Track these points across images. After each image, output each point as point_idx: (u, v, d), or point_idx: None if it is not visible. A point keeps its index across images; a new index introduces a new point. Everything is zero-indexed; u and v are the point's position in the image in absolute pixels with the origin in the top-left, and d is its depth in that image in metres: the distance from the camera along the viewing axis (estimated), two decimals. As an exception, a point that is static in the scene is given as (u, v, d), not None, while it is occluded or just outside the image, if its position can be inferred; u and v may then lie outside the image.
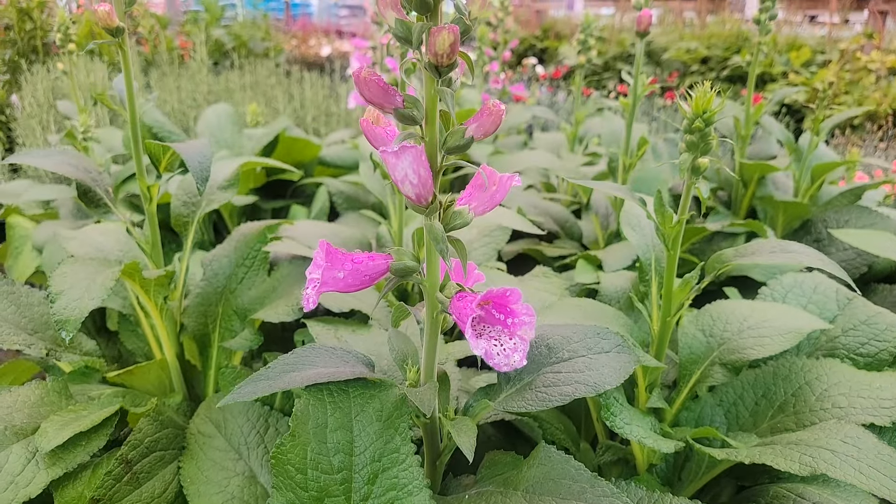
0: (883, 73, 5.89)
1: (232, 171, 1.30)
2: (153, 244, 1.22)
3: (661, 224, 1.09)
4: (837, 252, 1.78)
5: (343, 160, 2.16)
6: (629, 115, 1.69)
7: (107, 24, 1.05)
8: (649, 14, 1.56)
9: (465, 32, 0.71)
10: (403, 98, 0.72)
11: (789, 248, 1.07)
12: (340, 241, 1.46)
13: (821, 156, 1.98)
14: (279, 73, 4.06)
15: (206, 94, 3.19)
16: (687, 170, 1.05)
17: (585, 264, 1.48)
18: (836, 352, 1.26)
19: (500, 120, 0.74)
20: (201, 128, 2.28)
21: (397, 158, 0.69)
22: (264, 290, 1.25)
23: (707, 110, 1.03)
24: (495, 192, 0.80)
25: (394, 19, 0.71)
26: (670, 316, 1.13)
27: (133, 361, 1.39)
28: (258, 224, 1.34)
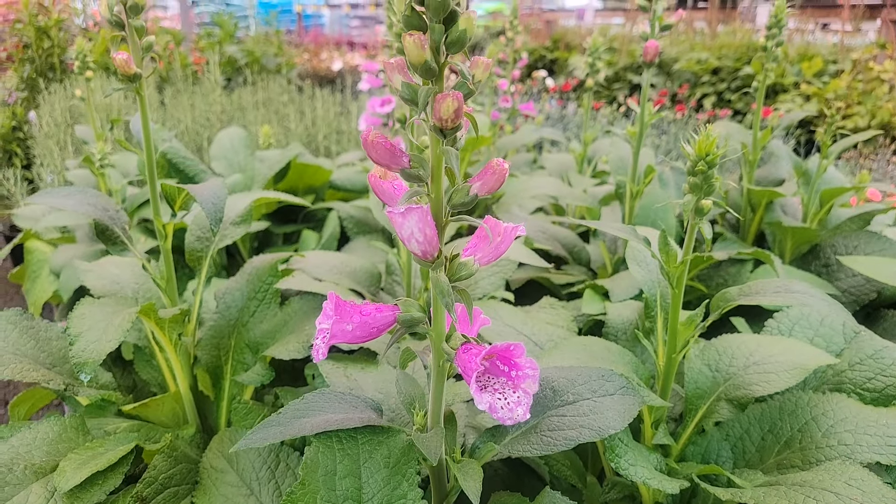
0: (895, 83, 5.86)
1: (245, 207, 1.32)
2: (168, 279, 1.24)
3: (666, 263, 1.11)
4: (846, 278, 1.78)
5: (353, 184, 2.19)
6: (636, 143, 1.70)
7: (125, 72, 1.09)
8: (656, 45, 1.58)
9: (469, 96, 0.73)
10: (409, 158, 0.75)
11: (793, 288, 1.08)
12: (350, 271, 1.48)
13: (830, 179, 1.98)
14: (291, 90, 4.10)
15: (220, 113, 3.24)
16: (691, 211, 1.06)
17: (592, 294, 1.49)
18: (842, 386, 1.26)
19: (503, 178, 0.76)
20: (215, 151, 2.32)
21: (403, 218, 0.72)
22: (276, 324, 1.27)
23: (710, 153, 1.04)
24: (500, 242, 0.82)
25: (400, 82, 0.73)
26: (676, 353, 1.14)
27: (148, 391, 1.42)
28: (270, 257, 1.36)
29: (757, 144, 1.89)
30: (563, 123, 4.60)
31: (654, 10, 1.60)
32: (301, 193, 2.18)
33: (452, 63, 0.72)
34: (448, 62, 0.72)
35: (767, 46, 1.82)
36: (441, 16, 0.69)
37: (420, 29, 0.71)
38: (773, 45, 1.82)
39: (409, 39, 0.68)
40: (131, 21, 1.10)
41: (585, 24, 9.00)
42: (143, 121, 1.14)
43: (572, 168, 2.41)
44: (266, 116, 3.60)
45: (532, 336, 1.24)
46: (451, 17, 0.70)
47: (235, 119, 3.33)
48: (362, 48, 9.68)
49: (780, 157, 2.03)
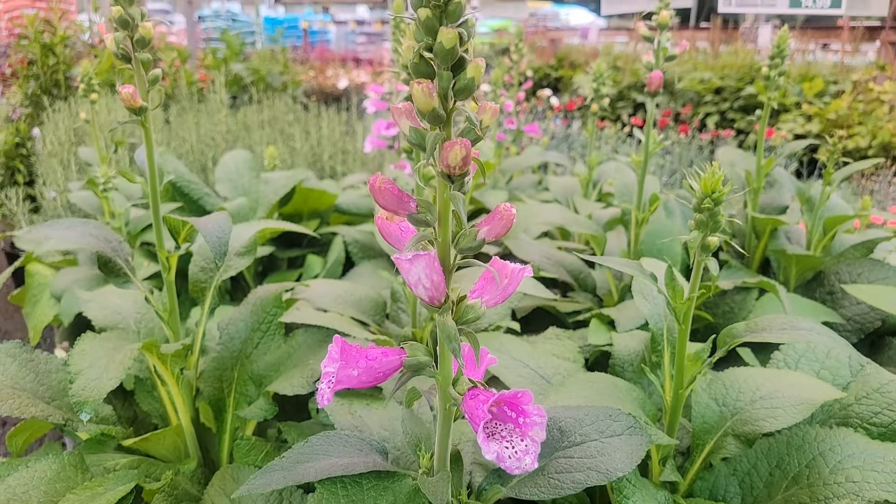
0: (896, 104, 5.87)
1: (249, 238, 1.32)
2: (171, 311, 1.24)
3: (673, 298, 1.10)
4: (851, 305, 1.77)
5: (359, 208, 2.19)
6: (641, 172, 1.70)
7: (130, 105, 1.09)
8: (660, 76, 1.58)
9: (476, 142, 0.73)
10: (417, 203, 0.74)
11: (799, 325, 1.07)
12: (355, 300, 1.48)
13: (833, 206, 1.98)
14: (296, 108, 4.11)
15: (225, 133, 3.25)
16: (697, 247, 1.06)
17: (598, 324, 1.48)
18: (849, 420, 1.25)
19: (511, 223, 0.75)
20: (219, 174, 2.32)
21: (410, 264, 0.71)
22: (280, 357, 1.27)
23: (716, 190, 1.04)
24: (507, 284, 0.82)
25: (408, 127, 0.73)
26: (682, 388, 1.13)
27: (149, 422, 1.41)
28: (274, 288, 1.36)
29: (761, 172, 1.89)
30: (567, 143, 4.61)
31: (658, 40, 1.60)
32: (306, 217, 2.18)
33: (460, 109, 0.71)
34: (456, 108, 0.72)
35: (770, 75, 1.83)
36: (449, 63, 0.70)
37: (428, 76, 0.71)
38: (776, 73, 1.82)
39: (418, 87, 0.68)
40: (137, 54, 1.10)
41: (589, 42, 9.04)
42: (149, 153, 1.14)
43: (577, 192, 2.41)
44: (271, 136, 3.61)
45: (539, 370, 1.23)
46: (460, 64, 0.70)
47: (241, 139, 3.34)
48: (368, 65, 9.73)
49: (783, 184, 2.03)
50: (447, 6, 0.69)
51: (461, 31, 0.69)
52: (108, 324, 1.34)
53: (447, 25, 0.69)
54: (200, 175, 3.14)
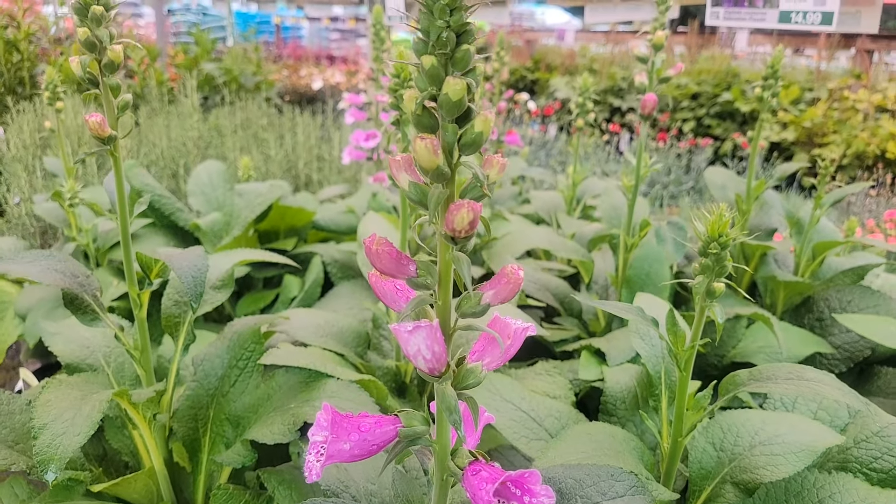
0: (870, 113, 5.95)
1: (226, 270, 1.25)
2: (143, 349, 1.16)
3: (674, 345, 1.06)
4: (840, 333, 1.75)
5: (338, 225, 2.12)
6: (632, 196, 1.66)
7: (98, 135, 1.01)
8: (654, 99, 1.54)
9: (481, 199, 0.67)
10: (416, 266, 0.68)
11: (805, 375, 1.03)
12: (336, 331, 1.41)
13: (822, 230, 1.96)
14: (271, 112, 4.01)
15: (197, 139, 3.14)
16: (701, 294, 1.02)
17: (588, 357, 1.44)
18: (848, 465, 1.22)
19: (518, 288, 0.69)
20: (192, 186, 2.23)
21: (410, 335, 0.65)
22: (258, 398, 1.20)
23: (723, 234, 0.99)
24: (510, 346, 0.76)
25: (407, 182, 0.67)
26: (682, 437, 1.09)
27: (119, 460, 1.33)
28: (251, 321, 1.29)
29: (751, 195, 1.86)
30: (545, 150, 4.57)
31: (652, 61, 1.56)
32: (283, 233, 2.11)
33: (465, 163, 0.65)
34: (461, 163, 0.66)
35: (763, 97, 1.80)
36: (455, 115, 0.64)
37: (431, 128, 0.65)
38: (770, 94, 1.79)
39: (421, 144, 0.62)
40: (106, 79, 1.02)
41: (566, 44, 9.03)
42: (118, 184, 1.07)
43: (561, 207, 2.36)
44: (245, 141, 3.51)
45: (531, 412, 1.18)
46: (466, 115, 0.65)
47: (213, 145, 3.24)
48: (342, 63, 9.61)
49: (772, 205, 2.01)
50: (454, 54, 0.63)
51: (469, 80, 0.63)
52: (75, 359, 1.25)
53: (454, 74, 0.63)
54: (171, 182, 3.04)
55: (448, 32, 0.61)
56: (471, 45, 0.63)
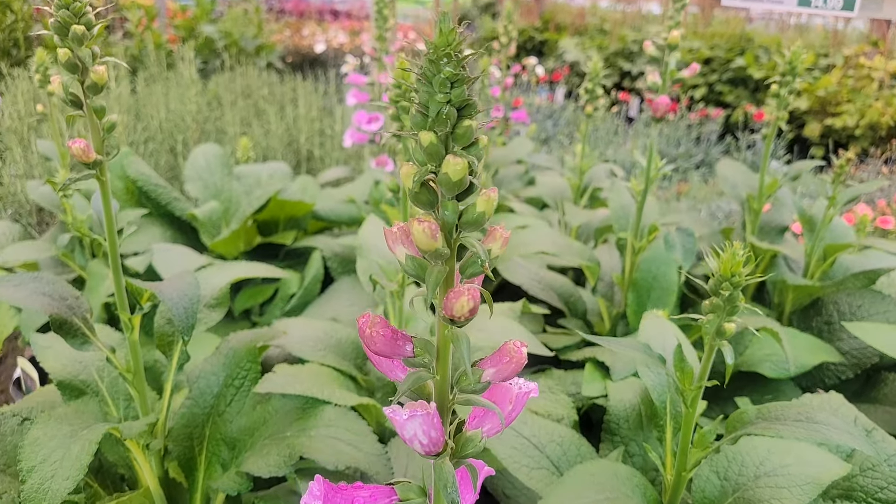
0: (886, 81, 5.80)
1: (220, 288, 1.21)
2: (136, 373, 1.14)
3: (681, 381, 1.02)
4: (849, 339, 1.71)
5: (338, 215, 2.07)
6: (641, 198, 1.61)
7: (83, 160, 0.96)
8: (667, 101, 1.47)
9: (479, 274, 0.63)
10: (413, 345, 0.64)
11: (816, 418, 1.00)
12: (335, 343, 1.38)
13: (835, 228, 1.90)
14: (272, 80, 3.92)
15: (195, 113, 3.07)
16: (712, 333, 0.98)
17: (593, 372, 1.41)
18: (852, 494, 1.20)
19: (520, 367, 0.66)
20: (189, 171, 2.18)
21: (406, 422, 0.62)
22: (254, 422, 1.17)
23: (736, 273, 0.95)
24: (511, 410, 0.73)
25: (404, 255, 0.63)
26: (686, 471, 1.07)
27: (115, 473, 1.32)
28: (247, 337, 1.26)
29: (763, 193, 1.80)
30: (552, 120, 4.47)
31: (666, 62, 1.49)
32: (283, 224, 2.06)
33: (466, 241, 0.61)
34: (460, 240, 0.61)
35: (780, 93, 1.72)
36: (455, 193, 0.59)
37: (429, 204, 0.60)
38: (786, 91, 1.72)
39: (419, 228, 0.57)
40: (90, 101, 0.97)
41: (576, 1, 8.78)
42: (105, 207, 1.02)
43: (567, 195, 2.31)
44: (245, 112, 3.44)
45: (532, 438, 1.16)
46: (467, 192, 0.60)
47: (212, 120, 3.17)
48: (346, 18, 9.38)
49: (783, 202, 1.95)
50: (455, 129, 0.58)
51: (471, 158, 0.58)
52: (67, 375, 1.23)
53: (454, 151, 0.58)
54: (170, 157, 2.98)
55: (449, 108, 0.56)
56: (473, 119, 0.58)
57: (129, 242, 1.87)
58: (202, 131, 3.09)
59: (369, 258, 1.39)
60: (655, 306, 1.64)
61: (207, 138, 3.11)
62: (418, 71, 0.57)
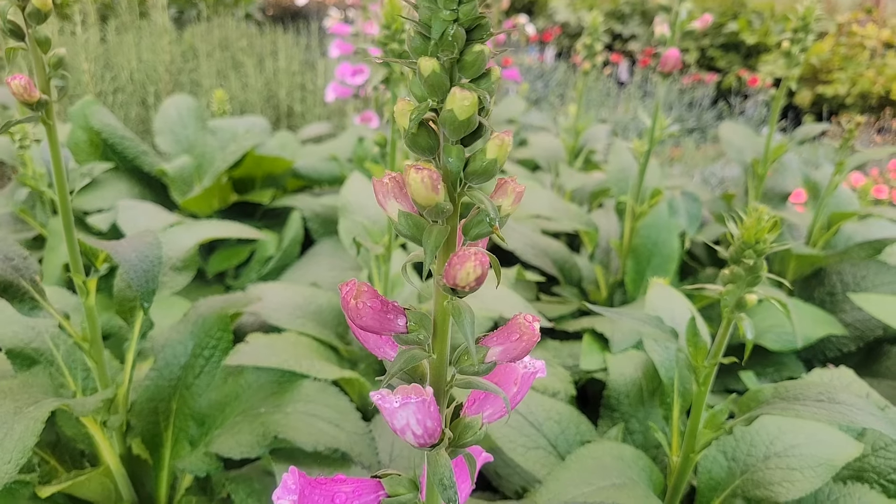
0: (878, 49, 5.72)
1: (188, 248, 1.10)
2: (92, 341, 1.03)
3: (694, 357, 0.94)
4: (852, 311, 1.65)
5: (319, 173, 1.95)
6: (643, 160, 1.51)
7: (26, 100, 0.84)
8: (676, 55, 1.36)
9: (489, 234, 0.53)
10: (406, 319, 0.54)
11: (838, 398, 0.92)
12: (315, 310, 1.28)
13: (839, 196, 1.82)
14: (251, 32, 3.74)
15: (169, 64, 2.90)
16: (731, 305, 0.89)
17: (591, 344, 1.32)
18: (864, 474, 1.13)
19: (532, 344, 0.56)
20: (160, 124, 2.04)
21: (397, 411, 0.52)
22: (226, 396, 1.07)
23: (760, 240, 0.86)
24: (516, 392, 0.64)
25: (397, 212, 0.52)
26: (694, 453, 0.99)
27: (74, 448, 1.22)
28: (217, 303, 1.15)
29: (769, 158, 1.71)
30: (543, 80, 4.34)
31: (676, 11, 1.38)
32: (260, 182, 1.94)
33: (472, 195, 0.51)
34: (466, 194, 0.51)
35: (791, 51, 1.62)
36: (461, 136, 0.48)
37: (429, 150, 0.50)
38: (798, 49, 1.61)
39: (416, 177, 0.47)
40: (32, 32, 0.84)
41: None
42: (54, 158, 0.90)
43: (562, 157, 2.20)
44: (222, 64, 3.27)
45: (528, 415, 1.07)
46: (475, 135, 0.49)
47: (186, 71, 3.00)
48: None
49: (787, 167, 1.86)
50: (463, 56, 0.47)
51: (481, 92, 0.47)
52: (19, 343, 1.11)
53: (461, 83, 0.47)
54: (141, 110, 2.82)
55: (456, 28, 0.45)
56: (485, 43, 0.47)
57: (92, 198, 1.74)
58: (176, 83, 2.92)
59: (353, 218, 1.29)
60: (655, 274, 1.56)
61: (181, 90, 2.95)
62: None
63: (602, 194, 2.11)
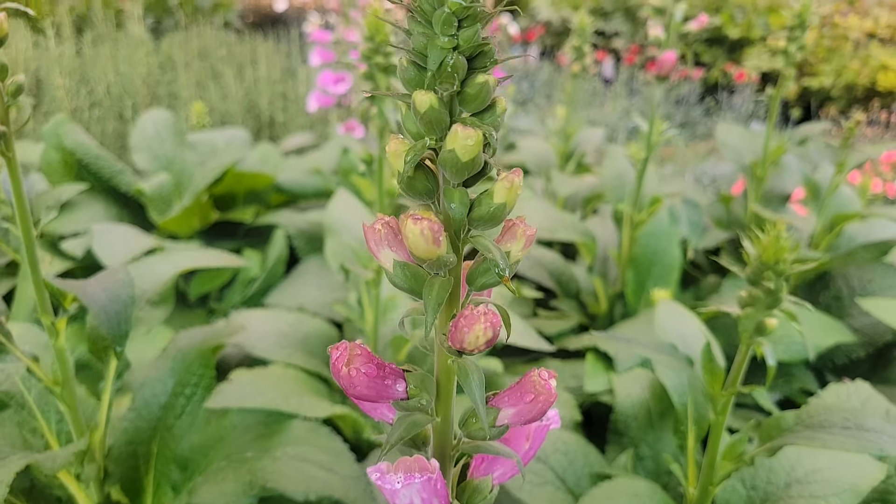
0: (861, 41, 5.71)
1: (166, 280, 1.03)
2: (64, 384, 0.95)
3: (710, 385, 0.88)
4: (860, 316, 1.60)
5: (303, 187, 1.88)
6: (641, 167, 1.45)
7: (-23, 132, 0.77)
8: (673, 58, 1.30)
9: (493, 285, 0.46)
10: (407, 383, 0.48)
11: (866, 424, 0.86)
12: (302, 337, 1.21)
13: (840, 196, 1.77)
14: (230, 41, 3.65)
15: (146, 76, 2.82)
16: (750, 330, 0.83)
17: (595, 363, 1.26)
18: (889, 497, 1.08)
19: (549, 405, 0.50)
20: (136, 140, 1.96)
21: (402, 490, 0.46)
22: (209, 438, 1.00)
23: (780, 260, 0.80)
24: (528, 450, 0.58)
25: (392, 262, 0.46)
26: (713, 485, 0.93)
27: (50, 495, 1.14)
28: (198, 336, 1.08)
29: (768, 159, 1.66)
30: (528, 81, 4.28)
31: (670, 13, 1.32)
32: (242, 198, 1.86)
33: (477, 242, 0.44)
34: (470, 241, 0.45)
35: (788, 50, 1.57)
36: (464, 178, 0.42)
37: (428, 194, 0.43)
38: (796, 48, 1.56)
39: (416, 228, 0.40)
40: (-15, 57, 0.77)
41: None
42: (16, 194, 0.83)
43: (553, 162, 2.15)
44: (201, 75, 3.18)
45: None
46: (480, 175, 0.43)
47: (164, 83, 2.92)
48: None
49: (787, 167, 1.81)
50: (465, 88, 0.40)
51: (486, 128, 0.41)
52: (-15, 387, 1.04)
53: (464, 118, 0.41)
54: (118, 124, 2.73)
55: (456, 57, 0.39)
56: (489, 73, 0.41)
57: (67, 221, 1.66)
58: (153, 96, 2.84)
59: (339, 240, 1.22)
60: (656, 285, 1.50)
61: (159, 103, 2.87)
62: (410, 2, 0.40)
63: (596, 199, 2.05)
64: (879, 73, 5.33)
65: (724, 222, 1.80)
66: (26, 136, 2.31)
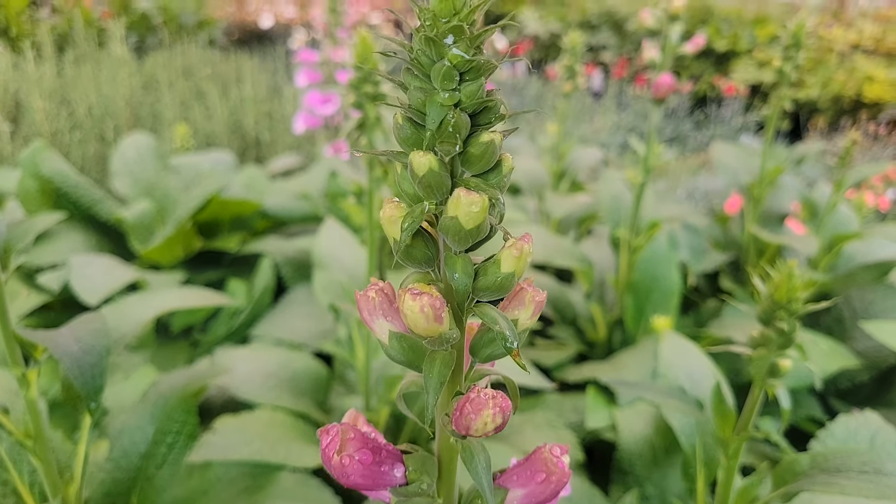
0: (847, 53, 5.74)
1: (144, 324, 0.97)
2: (37, 437, 0.89)
3: (720, 429, 0.83)
4: (862, 339, 1.56)
5: (290, 212, 1.83)
6: (638, 191, 1.41)
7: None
8: (670, 81, 1.27)
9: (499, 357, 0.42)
10: (406, 467, 0.43)
11: (885, 469, 0.82)
12: (290, 377, 1.16)
13: (838, 215, 1.74)
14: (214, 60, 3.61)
15: (129, 96, 2.76)
16: (763, 373, 0.79)
17: (596, 397, 1.22)
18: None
19: (561, 488, 0.45)
20: (118, 165, 1.90)
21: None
22: (192, 491, 0.95)
23: (793, 300, 0.76)
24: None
25: (388, 334, 0.41)
26: (724, 533, 0.88)
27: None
28: (180, 381, 1.02)
29: (765, 179, 1.63)
30: (517, 95, 4.26)
31: (666, 35, 1.29)
32: (227, 226, 1.81)
33: (482, 313, 0.40)
34: (474, 311, 0.40)
35: (784, 69, 1.54)
36: (469, 245, 0.37)
37: (427, 262, 0.39)
38: (791, 67, 1.54)
39: (415, 305, 0.36)
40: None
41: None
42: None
43: (545, 181, 2.11)
44: (185, 94, 3.13)
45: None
46: (485, 240, 0.38)
47: (147, 103, 2.86)
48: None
49: (784, 187, 1.78)
50: (468, 148, 0.36)
51: (492, 192, 0.36)
52: (-47, 438, 0.98)
53: (467, 181, 0.37)
54: (100, 146, 2.67)
55: (458, 115, 0.34)
56: (495, 131, 0.36)
57: (44, 252, 1.60)
58: (136, 116, 2.78)
59: (328, 274, 1.17)
60: (656, 311, 1.46)
61: (142, 124, 2.81)
62: (407, 56, 0.35)
63: (590, 220, 2.01)
64: (865, 85, 5.35)
65: (721, 243, 1.77)
66: (4, 162, 2.25)
